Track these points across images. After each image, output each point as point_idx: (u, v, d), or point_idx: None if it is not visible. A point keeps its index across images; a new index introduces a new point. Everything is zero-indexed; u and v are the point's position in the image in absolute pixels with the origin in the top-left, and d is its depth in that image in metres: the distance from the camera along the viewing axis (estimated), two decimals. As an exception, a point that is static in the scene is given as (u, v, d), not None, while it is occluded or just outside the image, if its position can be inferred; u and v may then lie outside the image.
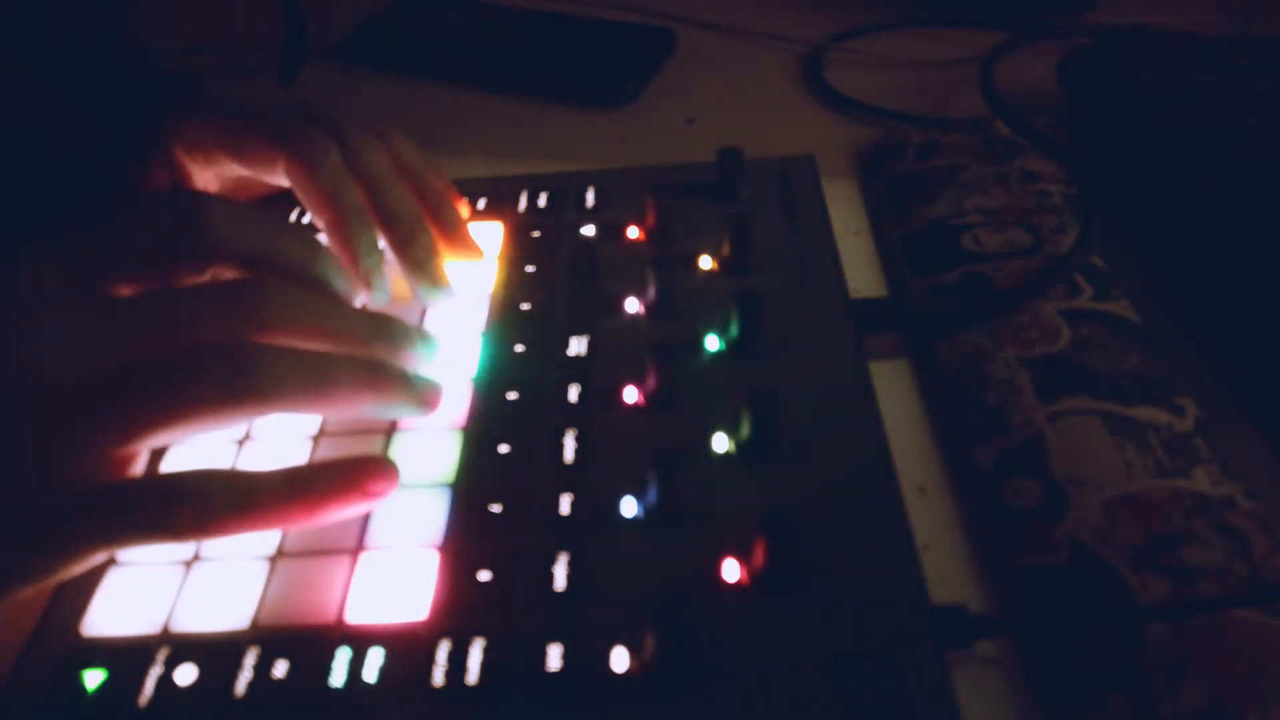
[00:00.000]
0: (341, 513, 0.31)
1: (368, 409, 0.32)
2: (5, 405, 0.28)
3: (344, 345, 0.32)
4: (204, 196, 0.33)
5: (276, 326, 0.30)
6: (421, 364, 0.35)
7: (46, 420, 0.28)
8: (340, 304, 0.34)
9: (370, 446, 0.35)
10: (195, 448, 0.35)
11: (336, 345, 0.32)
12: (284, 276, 0.32)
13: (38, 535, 0.27)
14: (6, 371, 0.28)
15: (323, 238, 0.38)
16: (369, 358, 0.33)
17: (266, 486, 0.30)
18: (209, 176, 0.41)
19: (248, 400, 0.29)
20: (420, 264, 0.39)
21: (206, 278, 0.32)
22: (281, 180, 0.39)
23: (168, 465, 0.35)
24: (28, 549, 0.27)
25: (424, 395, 0.34)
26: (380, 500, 0.31)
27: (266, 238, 0.33)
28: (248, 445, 0.35)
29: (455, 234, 0.42)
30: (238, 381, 0.29)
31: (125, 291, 0.31)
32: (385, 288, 0.38)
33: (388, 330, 0.34)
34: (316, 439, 0.35)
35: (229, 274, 0.32)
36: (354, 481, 0.31)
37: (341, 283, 0.34)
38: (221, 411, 0.29)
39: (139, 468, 0.30)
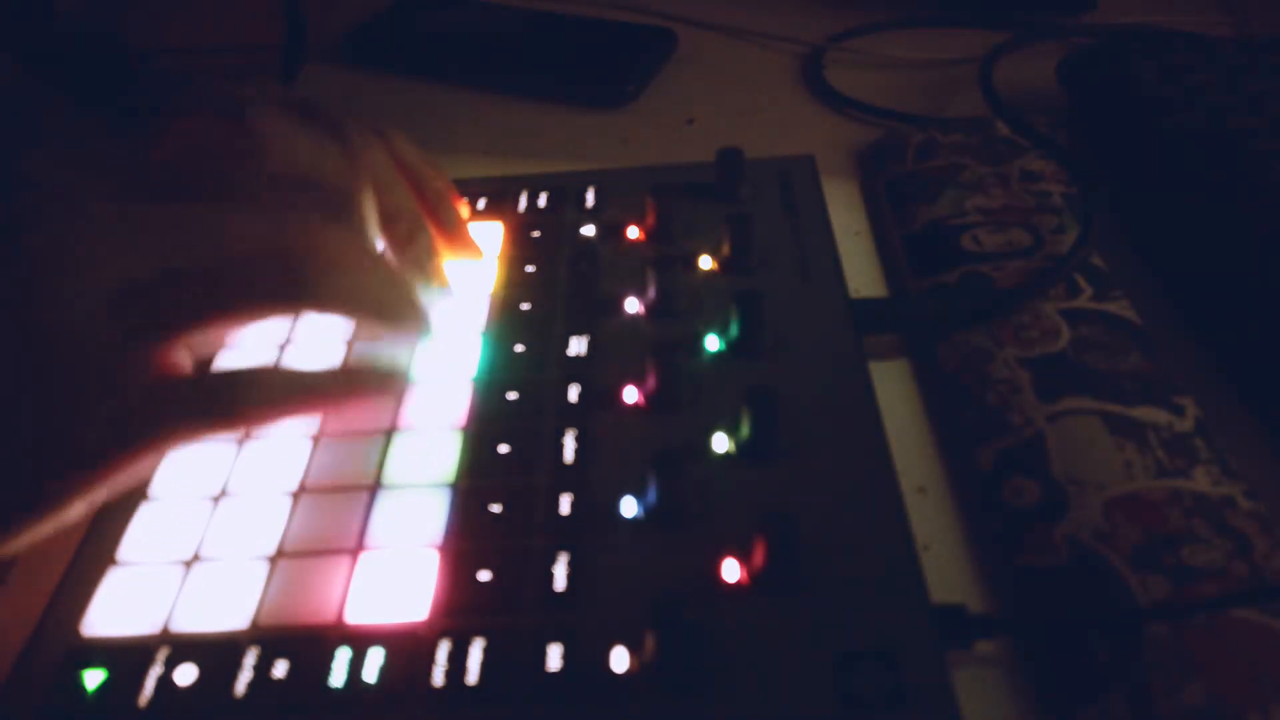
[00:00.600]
0: (377, 399, 0.33)
1: (411, 330, 0.34)
2: (61, 311, 0.28)
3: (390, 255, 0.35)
4: (259, 114, 0.34)
5: (330, 238, 0.32)
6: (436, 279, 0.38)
7: (102, 322, 0.28)
8: (368, 239, 0.35)
9: (370, 447, 0.35)
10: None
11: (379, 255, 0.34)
12: (326, 204, 0.34)
13: (101, 434, 0.28)
14: (63, 275, 0.28)
15: None
16: (407, 283, 0.35)
17: (317, 376, 0.31)
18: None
19: (293, 301, 0.31)
20: (420, 264, 0.39)
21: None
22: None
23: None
24: (91, 449, 0.28)
25: (424, 326, 0.35)
26: (405, 389, 0.35)
27: (317, 162, 0.35)
28: (248, 444, 0.35)
29: (455, 233, 0.42)
30: (285, 284, 0.30)
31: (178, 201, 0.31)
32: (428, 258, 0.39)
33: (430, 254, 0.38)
34: (317, 439, 0.35)
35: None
36: (395, 377, 0.33)
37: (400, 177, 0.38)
38: (264, 310, 0.30)
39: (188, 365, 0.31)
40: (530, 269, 0.42)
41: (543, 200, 0.46)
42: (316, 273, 0.30)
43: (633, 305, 0.40)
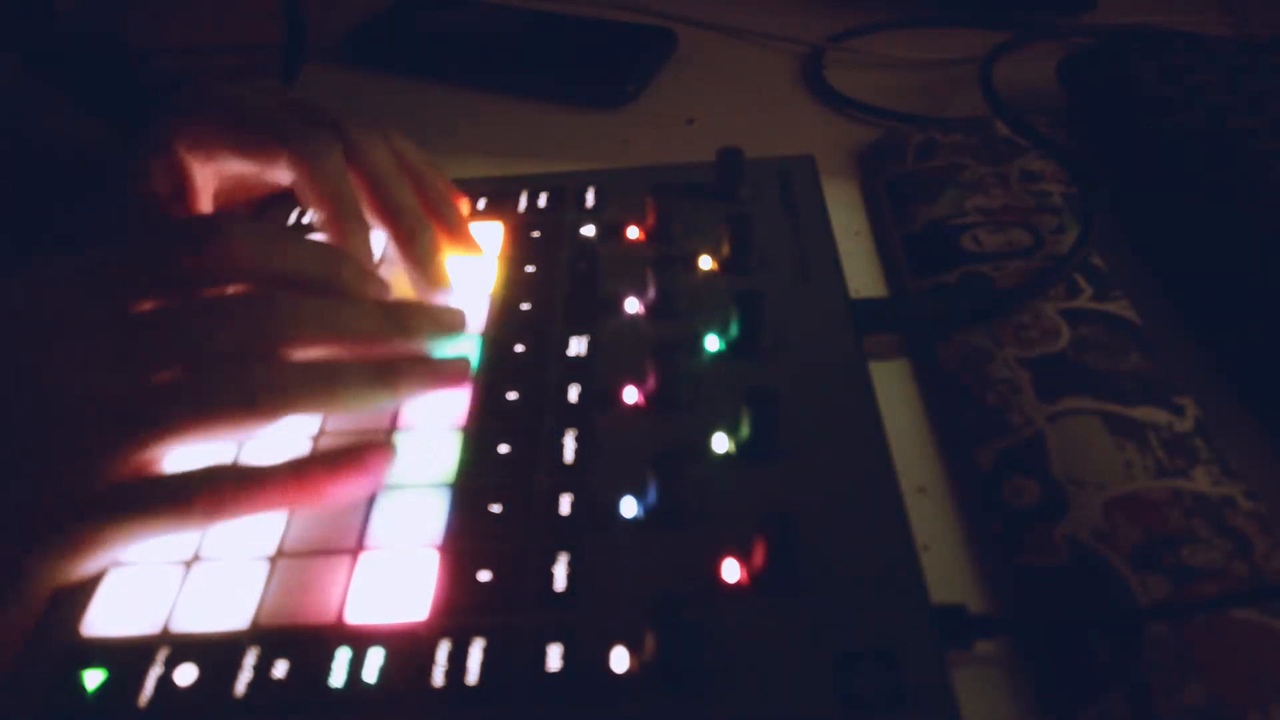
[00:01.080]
0: (344, 492, 0.32)
1: (385, 402, 0.35)
2: (33, 417, 0.30)
3: (355, 346, 0.35)
4: (226, 218, 0.35)
5: (285, 338, 0.33)
6: (443, 343, 0.37)
7: (71, 432, 0.30)
8: (351, 304, 0.36)
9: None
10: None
11: (347, 347, 0.34)
12: (300, 288, 0.35)
13: (63, 529, 0.30)
14: (34, 384, 0.30)
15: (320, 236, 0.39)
16: (379, 355, 0.35)
17: (272, 470, 0.32)
18: (209, 174, 0.41)
19: (259, 413, 0.32)
20: (423, 261, 0.39)
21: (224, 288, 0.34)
22: (282, 178, 0.39)
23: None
24: (53, 543, 0.29)
25: (445, 373, 0.36)
26: (379, 476, 0.33)
27: (286, 256, 0.35)
28: (250, 443, 0.35)
29: (456, 231, 0.42)
30: (248, 397, 0.31)
31: (145, 306, 0.33)
32: (385, 285, 0.39)
33: (400, 320, 0.36)
34: (317, 439, 0.35)
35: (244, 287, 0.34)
36: (353, 459, 0.33)
37: (365, 284, 0.37)
38: (235, 424, 0.31)
39: (159, 471, 0.32)
40: (530, 269, 0.42)
41: (543, 200, 0.46)
42: (271, 383, 0.32)
43: (633, 305, 0.40)
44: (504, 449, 0.34)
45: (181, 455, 0.32)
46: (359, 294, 0.36)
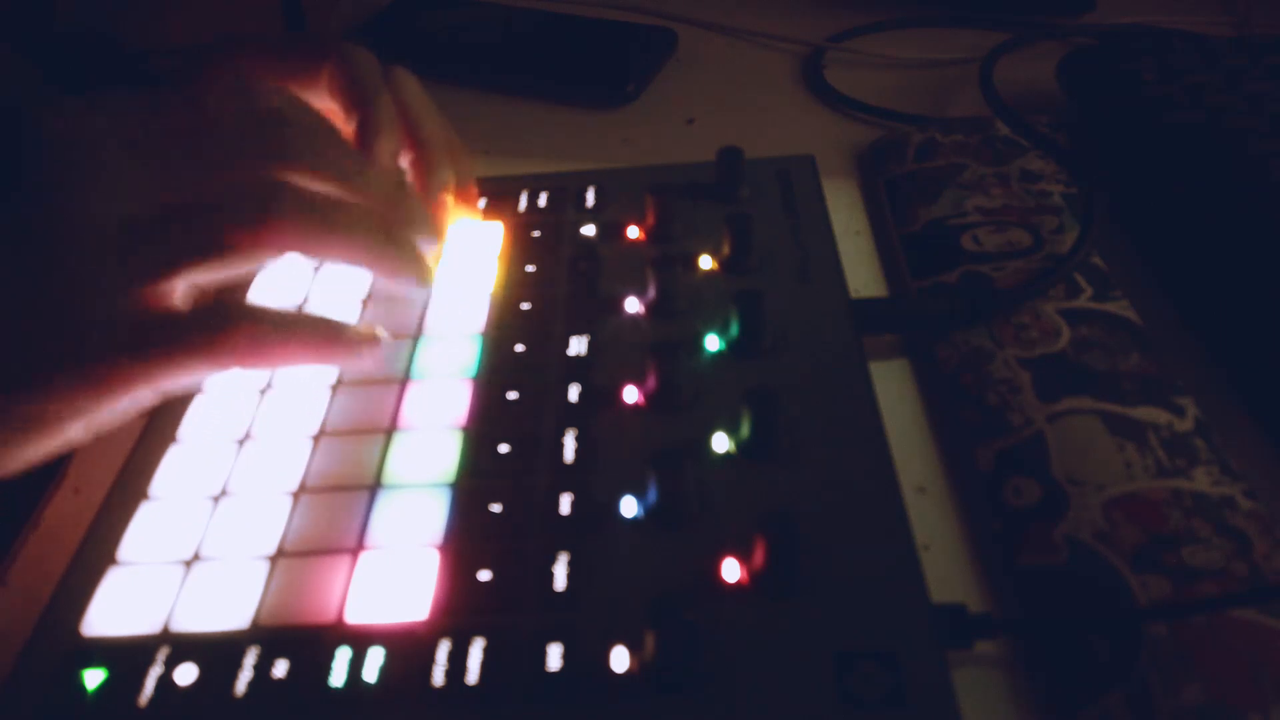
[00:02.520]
0: (355, 363, 0.34)
1: (381, 257, 0.35)
2: (64, 241, 0.30)
3: (365, 198, 0.35)
4: (266, 97, 0.35)
5: (302, 164, 0.34)
6: (423, 241, 0.38)
7: (100, 255, 0.30)
8: (369, 166, 0.36)
9: (370, 447, 0.35)
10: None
11: (357, 195, 0.35)
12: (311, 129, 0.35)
13: (90, 352, 0.29)
14: (67, 210, 0.30)
15: None
16: (385, 219, 0.36)
17: (307, 320, 0.33)
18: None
19: (274, 236, 0.32)
20: (432, 194, 0.41)
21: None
22: (323, 95, 0.40)
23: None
24: (80, 366, 0.29)
25: (419, 272, 0.37)
26: (375, 364, 0.34)
27: (306, 110, 0.36)
28: (249, 442, 0.36)
29: (464, 191, 0.43)
30: (265, 219, 0.32)
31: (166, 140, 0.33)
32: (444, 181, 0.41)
33: (408, 200, 0.38)
34: (317, 439, 0.36)
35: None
36: (368, 340, 0.34)
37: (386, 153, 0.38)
38: (249, 246, 0.32)
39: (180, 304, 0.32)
40: (530, 269, 0.42)
41: (543, 200, 0.46)
42: (289, 205, 0.32)
43: (633, 305, 0.40)
44: (504, 449, 0.34)
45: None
46: (374, 157, 0.38)
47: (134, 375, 0.30)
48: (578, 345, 0.38)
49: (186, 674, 0.29)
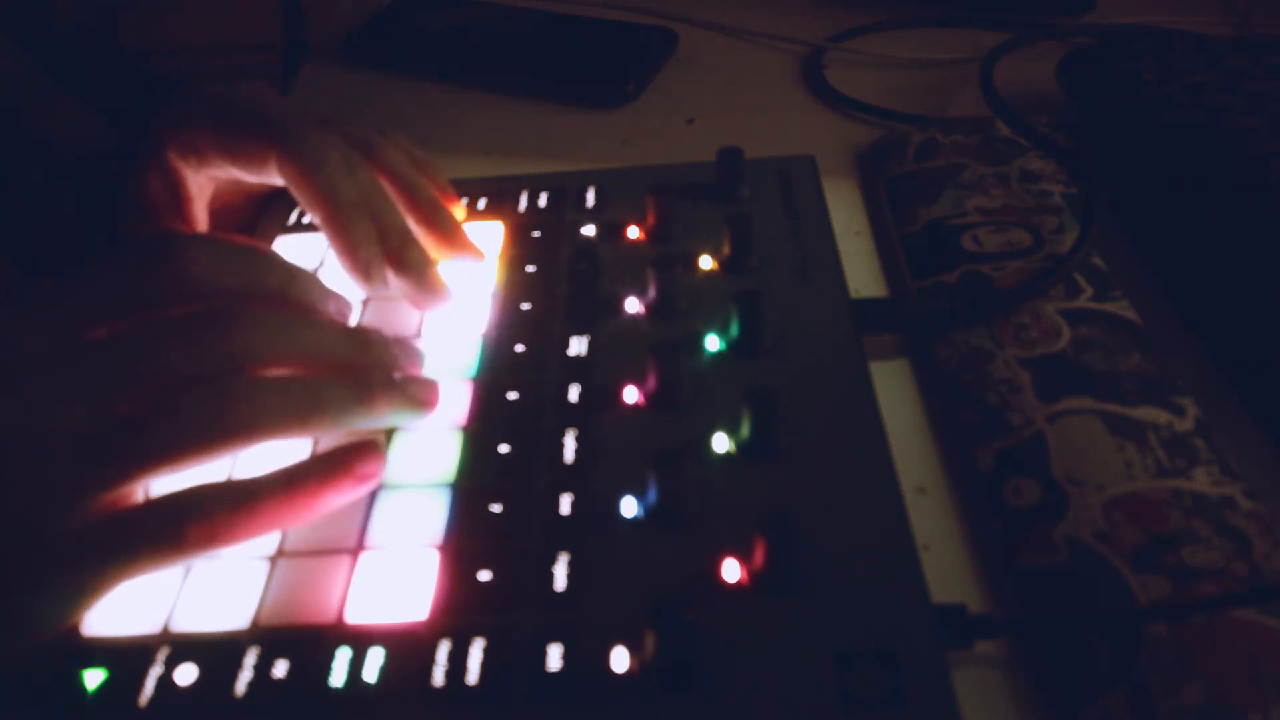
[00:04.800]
0: (338, 500, 0.32)
1: (360, 423, 0.33)
2: (4, 460, 0.29)
3: (326, 365, 0.34)
4: (180, 239, 0.34)
5: (255, 356, 0.32)
6: (410, 369, 0.36)
7: (41, 473, 0.29)
8: (319, 324, 0.35)
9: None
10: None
11: (318, 367, 0.33)
12: (263, 304, 0.33)
13: (49, 578, 0.29)
14: (13, 426, 0.29)
15: (320, 237, 0.38)
16: (353, 374, 0.34)
17: (264, 487, 0.31)
18: (203, 179, 0.41)
19: (235, 436, 0.30)
20: (414, 275, 0.39)
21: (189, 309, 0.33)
22: (275, 179, 0.39)
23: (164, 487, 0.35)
24: (42, 594, 0.29)
25: (419, 397, 0.35)
26: (371, 482, 0.33)
27: (244, 271, 0.34)
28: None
29: (451, 238, 0.42)
30: (222, 421, 0.30)
31: (101, 333, 0.31)
32: (386, 278, 0.38)
33: (368, 343, 0.35)
34: (317, 439, 0.35)
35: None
36: (344, 467, 0.32)
37: (325, 301, 0.36)
38: (210, 449, 0.30)
39: (139, 501, 0.31)
40: (530, 269, 0.42)
41: (543, 200, 0.46)
42: (244, 404, 0.30)
43: (633, 305, 0.40)
44: (504, 449, 0.34)
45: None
46: (319, 309, 0.36)
47: (101, 590, 0.29)
48: (578, 345, 0.38)
49: (186, 674, 0.29)
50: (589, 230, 0.44)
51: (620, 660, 0.28)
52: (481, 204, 0.46)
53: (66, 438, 0.29)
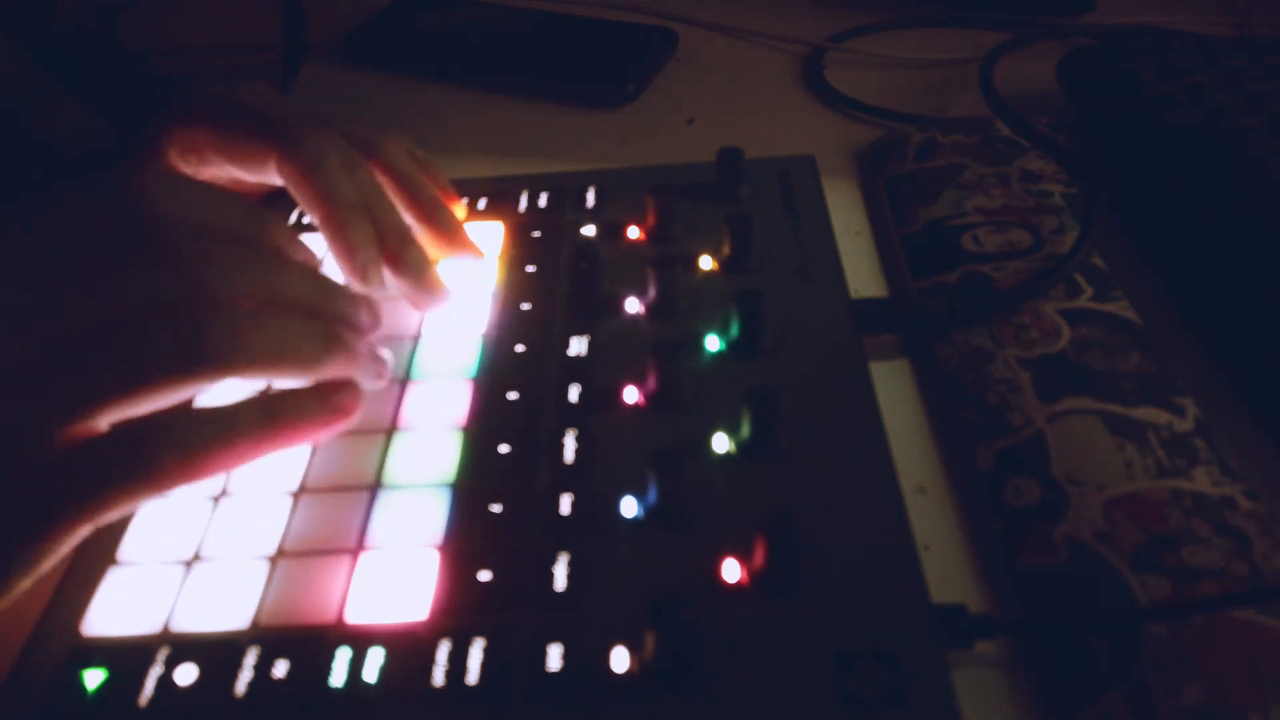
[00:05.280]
0: (316, 436, 0.32)
1: (326, 367, 0.32)
2: None
3: (292, 309, 0.32)
4: (145, 174, 0.32)
5: (224, 289, 0.30)
6: (369, 329, 0.35)
7: (10, 399, 0.27)
8: (288, 266, 0.33)
9: (370, 447, 0.35)
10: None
11: (284, 310, 0.32)
12: (232, 241, 0.32)
13: (16, 518, 0.27)
14: None
15: (318, 236, 0.38)
16: (325, 323, 0.33)
17: (243, 415, 0.30)
18: (203, 179, 0.41)
19: (205, 366, 0.29)
20: (414, 274, 0.39)
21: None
22: (275, 179, 0.38)
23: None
24: (9, 536, 0.27)
25: (373, 369, 0.34)
26: (350, 419, 0.32)
27: (211, 209, 0.32)
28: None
29: (452, 237, 0.41)
30: (195, 348, 0.28)
31: (67, 261, 0.30)
32: (383, 279, 0.38)
33: (334, 293, 0.34)
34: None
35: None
36: (325, 401, 0.32)
37: (294, 247, 0.35)
38: (177, 379, 0.28)
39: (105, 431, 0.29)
40: (530, 269, 0.42)
41: (543, 200, 0.46)
42: (216, 331, 0.29)
43: (633, 305, 0.40)
44: (504, 449, 0.34)
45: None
46: (286, 254, 0.34)
47: (70, 530, 0.27)
48: (578, 345, 0.38)
49: (186, 674, 0.29)
50: (589, 230, 0.44)
51: (620, 660, 0.28)
52: (481, 204, 0.46)
53: (22, 367, 0.27)
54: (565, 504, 0.32)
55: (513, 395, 0.36)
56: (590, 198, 0.46)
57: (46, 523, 0.27)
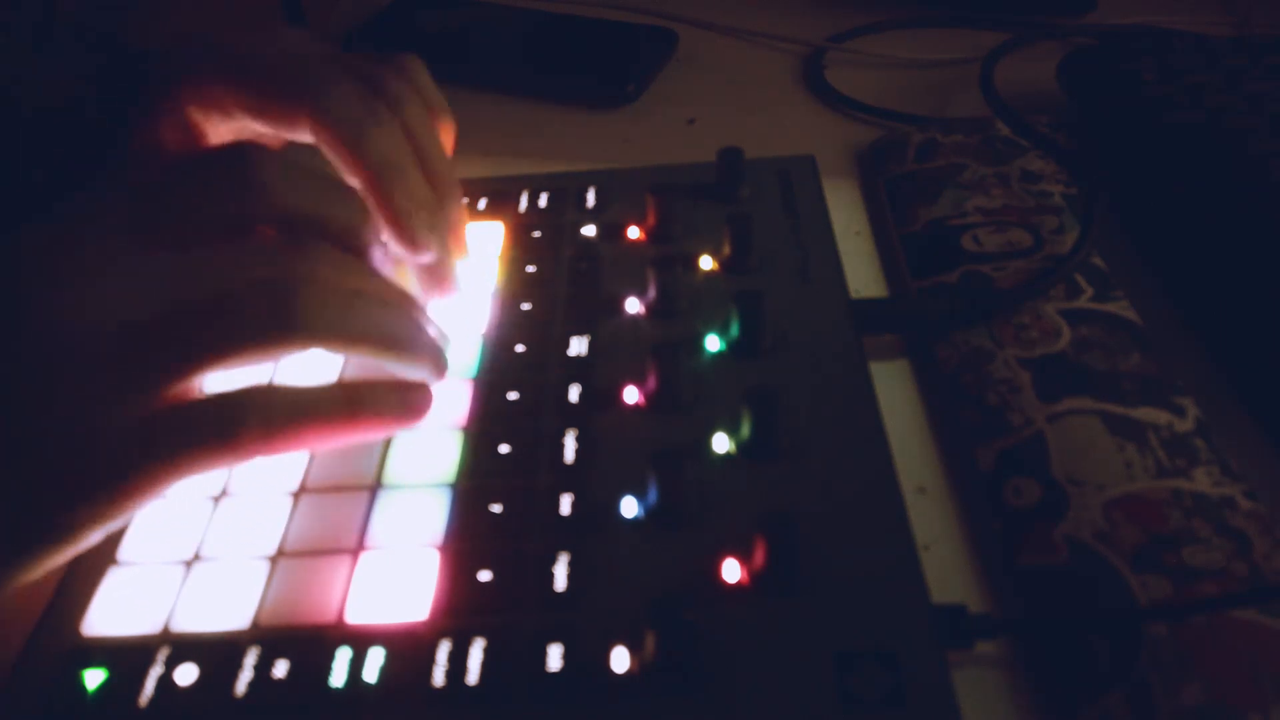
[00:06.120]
0: (388, 431, 0.33)
1: (393, 362, 0.33)
2: (62, 349, 0.28)
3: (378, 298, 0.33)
4: (258, 151, 0.32)
5: (322, 278, 0.31)
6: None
7: (102, 361, 0.28)
8: (377, 274, 0.34)
9: (370, 447, 0.35)
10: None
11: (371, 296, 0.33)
12: (329, 239, 0.33)
13: (104, 465, 0.28)
14: (63, 316, 0.28)
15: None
16: (406, 312, 0.34)
17: (325, 399, 0.31)
18: (225, 133, 0.39)
19: (291, 335, 0.30)
20: (449, 220, 0.38)
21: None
22: (306, 138, 0.37)
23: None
24: (96, 480, 0.28)
25: (441, 363, 0.35)
26: (422, 417, 0.33)
27: (319, 199, 0.33)
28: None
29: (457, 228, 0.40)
30: (283, 319, 0.29)
31: (175, 243, 0.30)
32: (438, 244, 0.37)
33: (414, 300, 0.35)
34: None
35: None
36: (404, 400, 0.32)
37: (379, 247, 0.35)
38: (266, 346, 0.29)
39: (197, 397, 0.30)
40: (530, 269, 0.42)
41: (543, 200, 0.46)
42: (308, 304, 0.30)
43: (633, 305, 0.40)
44: (504, 449, 0.34)
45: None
46: (373, 255, 0.35)
47: (151, 484, 0.28)
48: (578, 345, 0.38)
49: (187, 674, 0.29)
50: (589, 230, 0.44)
51: (620, 660, 0.28)
52: (482, 204, 0.46)
53: (124, 330, 0.28)
54: (565, 504, 0.32)
55: (513, 395, 0.36)
56: (590, 198, 0.46)
57: (134, 471, 0.28)
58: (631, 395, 0.36)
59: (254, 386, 0.30)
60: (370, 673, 0.28)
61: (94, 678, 0.29)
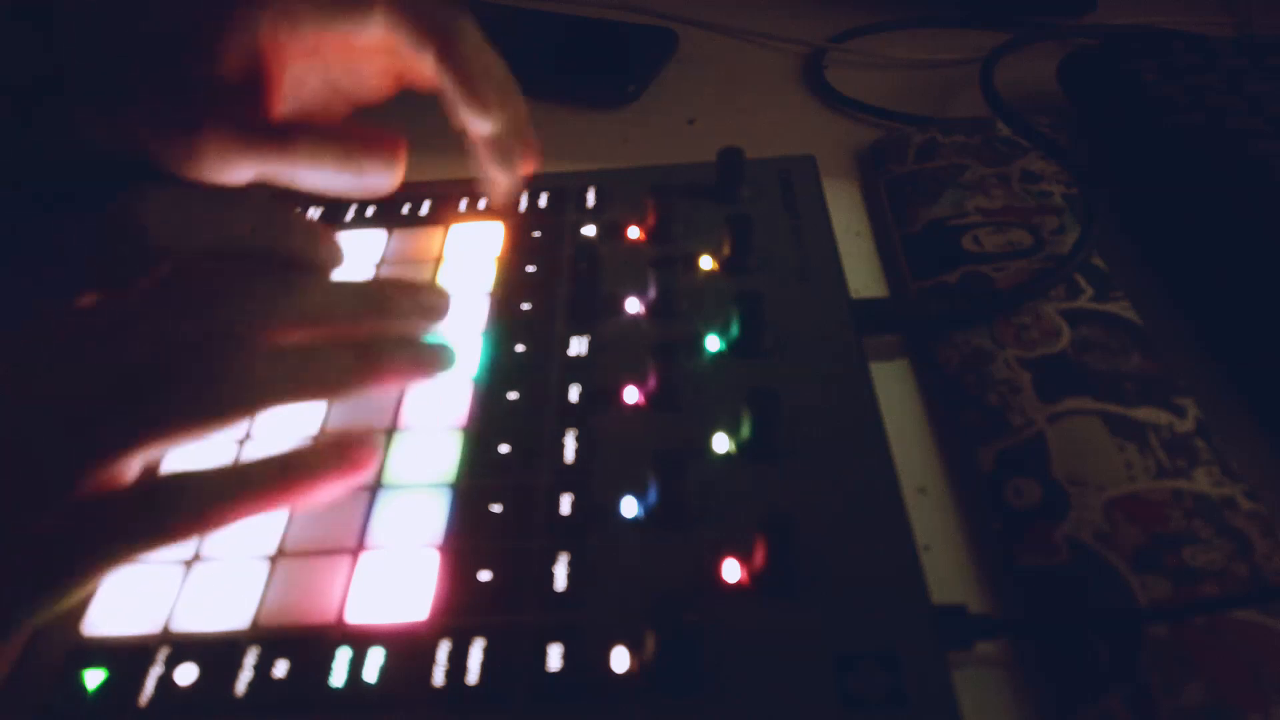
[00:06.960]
0: (333, 489, 0.31)
1: (368, 391, 0.32)
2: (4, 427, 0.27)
3: (328, 329, 0.32)
4: (137, 194, 0.30)
5: (250, 326, 0.30)
6: (425, 322, 0.34)
7: (20, 458, 0.27)
8: (318, 284, 0.32)
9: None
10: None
11: (321, 331, 0.31)
12: (246, 263, 0.31)
13: (36, 564, 0.27)
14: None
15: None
16: (358, 339, 0.32)
17: (256, 475, 0.30)
18: (301, 74, 0.37)
19: (232, 411, 0.29)
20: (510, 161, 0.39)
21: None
22: (423, 72, 0.37)
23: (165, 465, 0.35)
24: (29, 581, 0.27)
25: (428, 360, 0.34)
26: (366, 471, 0.31)
27: (217, 225, 0.31)
28: (248, 444, 0.35)
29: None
30: (214, 398, 0.28)
31: (81, 306, 0.29)
32: (509, 118, 0.39)
33: (377, 298, 0.33)
34: (318, 438, 0.35)
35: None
36: (340, 457, 0.31)
37: (315, 249, 0.33)
38: (202, 427, 0.28)
39: (130, 478, 0.29)
40: (530, 269, 0.42)
41: (543, 200, 0.46)
42: (233, 380, 0.29)
43: (633, 305, 0.40)
44: (504, 449, 0.34)
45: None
46: (312, 263, 0.32)
47: (84, 579, 0.27)
48: (578, 345, 0.38)
49: (187, 674, 0.29)
50: (589, 230, 0.44)
51: (620, 660, 0.28)
52: (482, 204, 0.46)
53: (47, 420, 0.27)
54: (565, 504, 0.32)
55: (513, 395, 0.36)
56: (590, 198, 0.46)
57: (66, 573, 0.27)
58: (632, 395, 0.36)
59: (185, 474, 0.29)
60: (370, 673, 0.28)
61: (94, 677, 0.29)
